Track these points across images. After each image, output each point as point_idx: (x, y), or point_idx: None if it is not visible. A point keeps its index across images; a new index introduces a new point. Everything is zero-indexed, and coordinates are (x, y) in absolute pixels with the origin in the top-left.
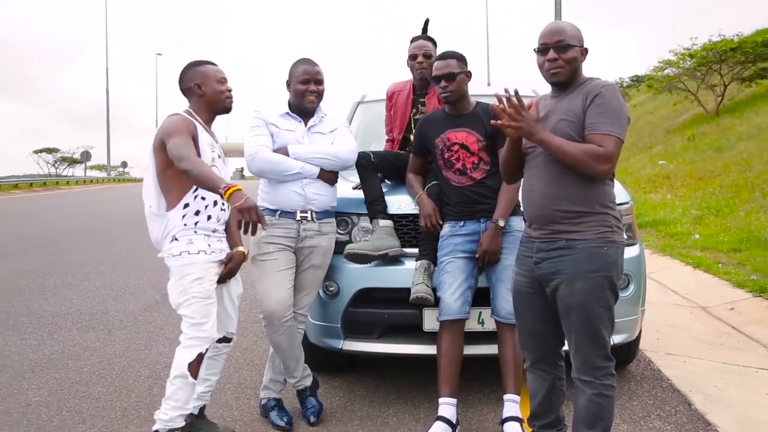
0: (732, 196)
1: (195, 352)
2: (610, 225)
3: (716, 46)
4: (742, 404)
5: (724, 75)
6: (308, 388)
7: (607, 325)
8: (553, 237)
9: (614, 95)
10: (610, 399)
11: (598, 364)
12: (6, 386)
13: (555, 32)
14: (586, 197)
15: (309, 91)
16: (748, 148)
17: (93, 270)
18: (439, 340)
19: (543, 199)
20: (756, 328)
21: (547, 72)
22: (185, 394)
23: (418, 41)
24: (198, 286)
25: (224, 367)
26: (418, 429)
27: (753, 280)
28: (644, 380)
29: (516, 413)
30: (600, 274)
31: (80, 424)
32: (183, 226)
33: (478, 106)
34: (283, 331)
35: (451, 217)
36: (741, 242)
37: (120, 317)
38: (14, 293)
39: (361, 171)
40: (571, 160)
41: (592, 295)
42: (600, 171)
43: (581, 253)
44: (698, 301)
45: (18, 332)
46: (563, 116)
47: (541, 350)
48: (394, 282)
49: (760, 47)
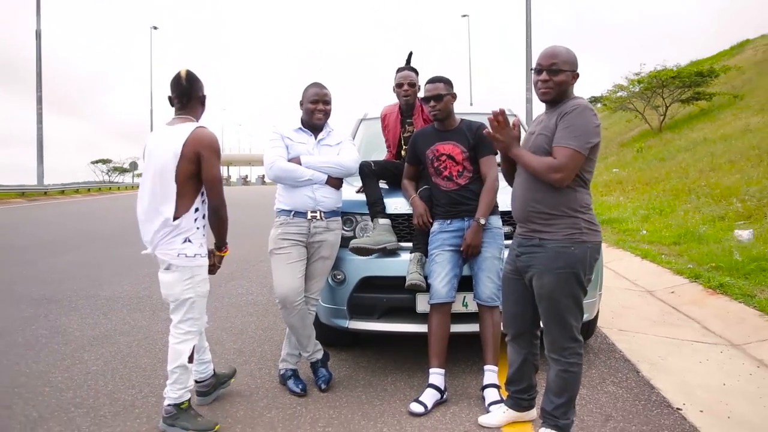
0: (672, 199)
1: (191, 345)
2: (579, 227)
3: (659, 74)
4: (680, 371)
5: (666, 98)
6: (319, 361)
7: (574, 312)
8: (530, 235)
9: (582, 114)
10: (575, 374)
11: (564, 344)
12: (70, 357)
13: (550, 56)
14: (556, 201)
15: (318, 110)
16: (686, 158)
17: (139, 260)
18: (430, 320)
19: (522, 201)
20: (692, 308)
21: (539, 91)
22: (187, 377)
23: (404, 72)
24: (204, 286)
25: (249, 345)
26: (412, 394)
27: (690, 268)
28: (600, 352)
29: (494, 381)
30: (565, 271)
31: (130, 389)
32: (196, 229)
33: (462, 123)
34: (295, 313)
35: (440, 216)
36: (680, 237)
37: (162, 300)
38: (75, 281)
39: (363, 177)
40: (533, 171)
41: (558, 288)
42: (554, 180)
43: (550, 252)
44: (645, 286)
45: (79, 313)
46: (542, 131)
47: (520, 328)
48: (392, 271)
49: (694, 76)
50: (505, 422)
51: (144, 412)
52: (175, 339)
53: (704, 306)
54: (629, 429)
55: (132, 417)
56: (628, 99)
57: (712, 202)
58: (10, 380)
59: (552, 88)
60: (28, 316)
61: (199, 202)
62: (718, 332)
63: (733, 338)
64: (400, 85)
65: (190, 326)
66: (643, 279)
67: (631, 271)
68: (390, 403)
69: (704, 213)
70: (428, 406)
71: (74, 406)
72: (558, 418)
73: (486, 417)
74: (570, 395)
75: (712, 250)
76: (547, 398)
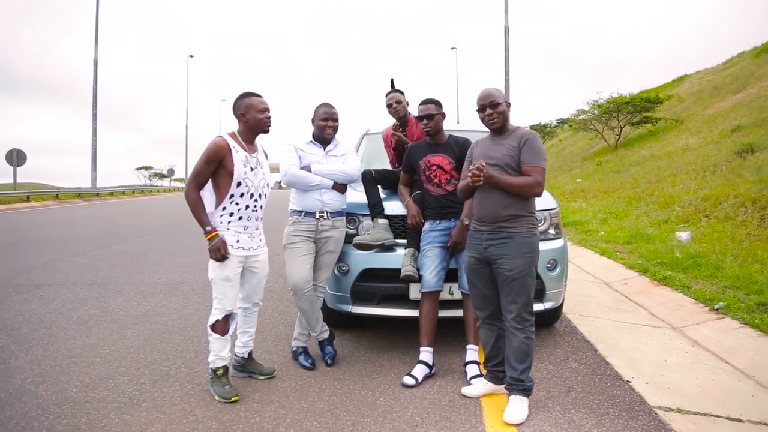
0: (626, 205)
1: (214, 318)
2: (533, 223)
3: (615, 100)
4: (630, 350)
5: (621, 120)
6: (326, 339)
7: (532, 290)
8: (499, 231)
9: (537, 140)
10: (533, 341)
11: (526, 317)
12: (116, 333)
13: (487, 96)
14: (520, 206)
15: (327, 126)
16: (637, 171)
17: (175, 252)
18: (421, 306)
19: (495, 206)
20: (641, 297)
21: (489, 123)
22: (218, 346)
23: (390, 94)
24: (220, 271)
25: (266, 325)
26: (405, 369)
27: (639, 263)
28: (565, 334)
29: (475, 358)
30: (529, 255)
31: (166, 362)
32: (219, 223)
33: (450, 138)
34: (305, 299)
35: (430, 217)
36: (632, 237)
37: (193, 286)
38: (121, 269)
39: (365, 183)
40: (517, 189)
41: (525, 269)
42: (537, 193)
43: (518, 241)
44: (602, 278)
45: (123, 296)
46: (506, 152)
47: (488, 308)
48: (389, 264)
49: (644, 102)
50: (484, 393)
51: (177, 380)
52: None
53: (650, 295)
54: (588, 398)
55: (168, 384)
56: (590, 121)
57: (657, 208)
58: (67, 351)
59: (497, 118)
60: (82, 297)
61: (228, 201)
62: (662, 317)
63: (673, 322)
64: (390, 105)
65: (216, 303)
66: (601, 272)
67: (591, 265)
68: (386, 376)
69: (651, 217)
70: (419, 379)
71: (119, 374)
72: (524, 382)
73: (468, 388)
74: (530, 360)
75: (658, 248)
76: (511, 367)
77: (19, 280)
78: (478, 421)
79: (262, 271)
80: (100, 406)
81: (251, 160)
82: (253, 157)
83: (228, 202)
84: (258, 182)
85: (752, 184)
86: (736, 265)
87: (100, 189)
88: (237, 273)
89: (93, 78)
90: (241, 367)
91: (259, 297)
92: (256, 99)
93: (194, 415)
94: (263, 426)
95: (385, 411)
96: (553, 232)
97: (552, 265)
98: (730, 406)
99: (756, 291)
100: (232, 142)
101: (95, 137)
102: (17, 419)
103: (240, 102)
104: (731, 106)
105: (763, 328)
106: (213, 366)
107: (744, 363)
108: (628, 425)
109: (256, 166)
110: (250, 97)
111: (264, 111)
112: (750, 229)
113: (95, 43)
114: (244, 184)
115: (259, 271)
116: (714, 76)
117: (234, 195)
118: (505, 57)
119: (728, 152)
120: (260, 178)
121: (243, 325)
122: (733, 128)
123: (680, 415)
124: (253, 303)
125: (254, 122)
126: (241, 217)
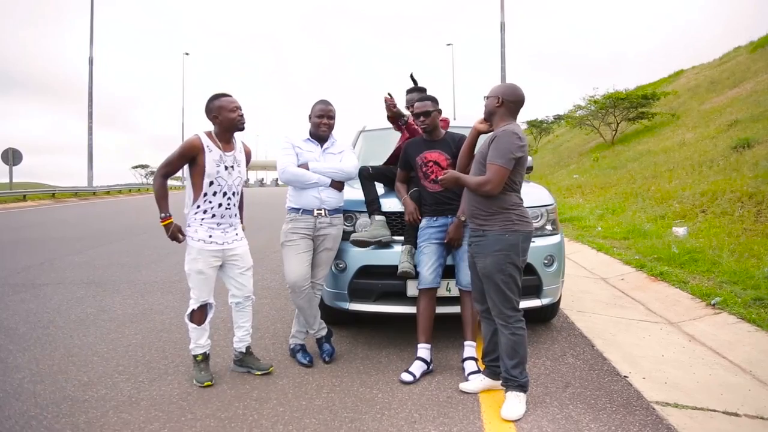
0: (623, 201)
1: (191, 308)
2: (511, 220)
3: (611, 96)
4: (627, 345)
5: (617, 116)
6: (324, 337)
7: (511, 287)
8: (476, 227)
9: (506, 136)
10: (521, 337)
11: (507, 313)
12: (114, 332)
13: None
14: (490, 203)
15: (323, 123)
16: (634, 167)
17: (172, 251)
18: (419, 302)
19: (469, 204)
20: (638, 293)
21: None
22: (195, 334)
23: (419, 102)
24: (193, 264)
25: (263, 323)
26: (402, 366)
27: (636, 259)
28: (562, 330)
29: (472, 354)
30: (502, 253)
31: (164, 360)
32: (194, 220)
33: (446, 134)
34: (303, 296)
35: (427, 214)
36: (628, 233)
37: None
38: (118, 267)
39: (362, 180)
40: (474, 188)
41: (496, 267)
42: (484, 191)
43: (490, 239)
44: (600, 274)
45: (121, 294)
46: (483, 148)
47: (485, 302)
48: (386, 261)
49: (639, 98)
50: (482, 389)
51: (176, 378)
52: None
53: (647, 291)
54: (585, 394)
55: (165, 383)
56: (586, 117)
57: (654, 203)
58: (65, 350)
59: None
60: (80, 296)
61: (201, 200)
62: (659, 312)
63: (670, 317)
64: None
65: (191, 293)
66: (598, 268)
67: (588, 261)
68: (384, 373)
69: (648, 213)
70: (417, 376)
71: (117, 372)
72: (517, 378)
73: (466, 384)
74: (521, 356)
75: (654, 244)
76: (503, 363)
77: (16, 279)
78: (476, 417)
79: (243, 263)
80: (99, 404)
81: (226, 159)
82: (229, 156)
83: (202, 201)
84: (233, 181)
85: (749, 179)
86: (733, 260)
87: (97, 188)
88: (212, 267)
89: (88, 76)
90: (240, 362)
91: (248, 290)
92: (226, 99)
93: (192, 412)
94: (261, 423)
95: (383, 408)
96: (550, 228)
97: (549, 261)
98: (727, 401)
99: (753, 286)
100: (207, 141)
101: (91, 136)
102: (16, 418)
103: (211, 105)
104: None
105: (760, 322)
106: (192, 353)
107: (741, 358)
108: (626, 420)
109: (231, 165)
110: (219, 99)
111: (235, 110)
112: (747, 224)
113: (90, 42)
114: (216, 183)
115: (241, 264)
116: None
117: (207, 194)
118: (502, 53)
119: (725, 147)
120: (235, 176)
121: (237, 320)
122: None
123: (678, 409)
124: (244, 297)
125: (227, 122)
126: (215, 215)
